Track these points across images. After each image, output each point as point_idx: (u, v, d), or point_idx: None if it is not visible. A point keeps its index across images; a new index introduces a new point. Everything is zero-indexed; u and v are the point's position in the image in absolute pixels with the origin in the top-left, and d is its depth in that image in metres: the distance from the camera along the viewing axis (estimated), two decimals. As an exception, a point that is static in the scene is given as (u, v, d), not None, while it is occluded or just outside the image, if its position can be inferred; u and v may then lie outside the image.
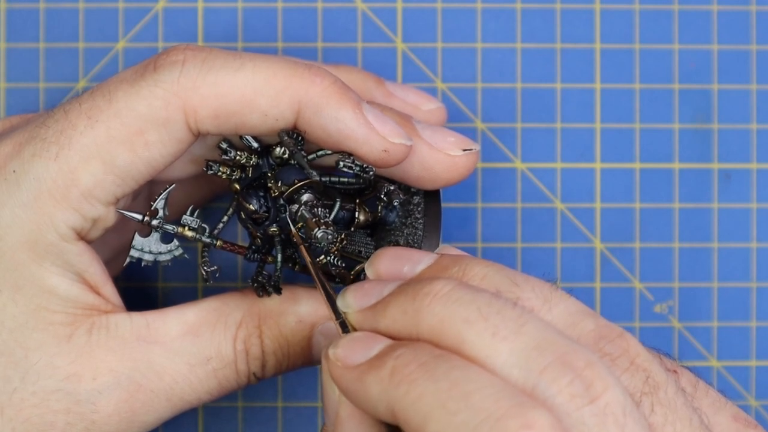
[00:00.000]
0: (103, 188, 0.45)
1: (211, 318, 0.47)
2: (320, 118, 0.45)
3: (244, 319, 0.47)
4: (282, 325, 0.47)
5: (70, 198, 0.45)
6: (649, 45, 0.57)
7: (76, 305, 0.46)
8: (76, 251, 0.46)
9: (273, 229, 0.46)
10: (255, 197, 0.46)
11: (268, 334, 0.47)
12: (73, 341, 0.45)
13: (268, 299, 0.47)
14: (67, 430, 0.45)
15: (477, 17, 0.56)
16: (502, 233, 0.56)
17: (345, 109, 0.45)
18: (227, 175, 0.47)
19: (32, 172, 0.45)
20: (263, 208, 0.46)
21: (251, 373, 0.47)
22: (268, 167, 0.47)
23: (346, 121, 0.45)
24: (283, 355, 0.47)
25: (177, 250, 0.48)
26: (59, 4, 0.56)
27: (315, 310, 0.47)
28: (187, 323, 0.47)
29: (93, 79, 0.56)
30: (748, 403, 0.56)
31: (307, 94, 0.45)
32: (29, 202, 0.45)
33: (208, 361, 0.46)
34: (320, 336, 0.47)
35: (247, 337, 0.47)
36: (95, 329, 0.46)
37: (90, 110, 0.45)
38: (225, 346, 0.47)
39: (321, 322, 0.47)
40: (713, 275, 0.57)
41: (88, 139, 0.45)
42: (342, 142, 0.46)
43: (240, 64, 0.45)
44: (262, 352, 0.47)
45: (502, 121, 0.57)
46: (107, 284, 0.47)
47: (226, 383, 0.47)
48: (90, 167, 0.45)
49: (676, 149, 0.57)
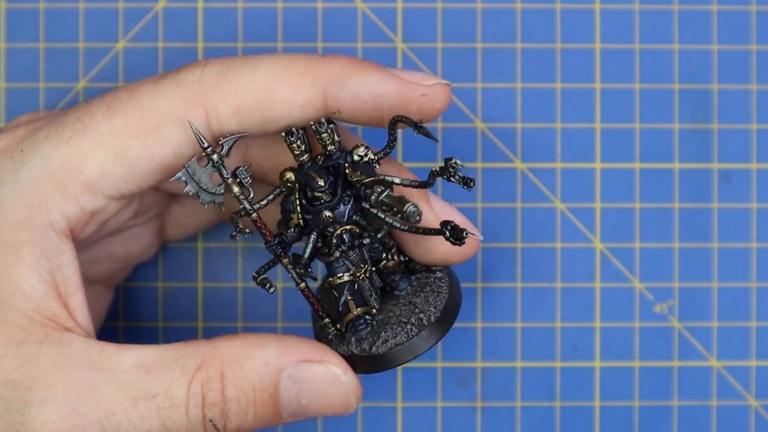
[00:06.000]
0: (110, 181, 0.45)
1: (169, 357, 0.45)
2: (349, 90, 0.45)
3: (205, 361, 0.45)
4: (247, 369, 0.45)
5: (73, 184, 0.44)
6: (649, 45, 0.57)
7: (36, 309, 0.44)
8: (57, 245, 0.45)
9: (327, 214, 0.45)
10: (325, 177, 0.45)
11: (231, 379, 0.45)
12: (23, 348, 0.44)
13: (232, 342, 0.45)
14: None
15: (477, 17, 0.56)
16: (502, 233, 0.56)
17: (369, 73, 0.45)
18: (300, 152, 0.46)
19: (41, 151, 0.45)
20: (330, 188, 0.45)
21: (207, 420, 0.45)
22: (345, 160, 0.46)
23: (375, 82, 0.45)
24: (248, 402, 0.45)
25: (219, 197, 0.45)
26: (59, 4, 0.56)
27: (282, 354, 0.45)
28: (143, 359, 0.45)
29: (93, 79, 0.56)
30: (748, 403, 0.57)
31: (328, 73, 0.45)
32: (29, 180, 0.44)
33: (153, 398, 0.44)
34: (288, 382, 0.45)
35: (205, 381, 0.44)
36: (46, 341, 0.44)
37: (111, 102, 0.45)
38: (176, 386, 0.44)
39: (289, 366, 0.45)
40: (713, 275, 0.57)
41: (104, 127, 0.45)
42: (379, 105, 0.45)
43: (258, 60, 0.45)
44: (222, 397, 0.45)
45: (502, 121, 0.57)
46: (76, 295, 0.45)
47: (172, 427, 0.44)
48: (100, 155, 0.44)
49: (676, 149, 0.57)
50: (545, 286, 0.56)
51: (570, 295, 0.56)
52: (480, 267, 0.56)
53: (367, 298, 0.47)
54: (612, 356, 0.56)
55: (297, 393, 0.45)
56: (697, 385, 0.57)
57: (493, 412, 0.57)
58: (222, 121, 0.45)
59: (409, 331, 0.47)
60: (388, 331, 0.47)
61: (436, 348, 0.56)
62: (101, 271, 0.52)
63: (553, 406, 0.56)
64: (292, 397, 0.45)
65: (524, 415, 0.56)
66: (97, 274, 0.52)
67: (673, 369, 0.57)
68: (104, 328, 0.55)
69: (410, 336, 0.47)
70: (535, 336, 0.56)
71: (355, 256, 0.47)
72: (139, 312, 0.57)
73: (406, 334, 0.47)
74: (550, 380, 0.56)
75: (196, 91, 0.45)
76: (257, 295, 0.56)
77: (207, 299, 0.57)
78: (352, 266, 0.47)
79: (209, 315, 0.57)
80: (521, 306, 0.56)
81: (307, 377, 0.46)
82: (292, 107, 0.45)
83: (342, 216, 0.46)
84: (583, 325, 0.56)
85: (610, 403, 0.56)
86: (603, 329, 0.56)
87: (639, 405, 0.56)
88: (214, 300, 0.56)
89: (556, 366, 0.56)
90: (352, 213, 0.46)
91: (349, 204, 0.46)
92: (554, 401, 0.56)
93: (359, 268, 0.47)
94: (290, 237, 0.46)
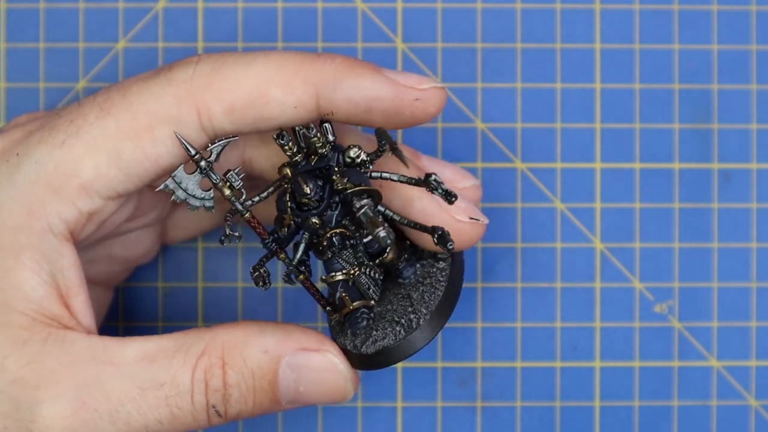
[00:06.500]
0: (105, 182, 0.45)
1: (171, 347, 0.45)
2: (341, 92, 0.45)
3: (207, 349, 0.45)
4: (247, 356, 0.45)
5: (68, 188, 0.44)
6: (649, 45, 0.57)
7: (38, 310, 0.45)
8: (58, 248, 0.45)
9: (314, 221, 0.45)
10: (313, 182, 0.45)
11: (232, 365, 0.45)
12: (27, 346, 0.44)
13: (233, 330, 0.46)
14: None
15: (477, 17, 0.56)
16: (502, 233, 0.56)
17: (363, 75, 0.45)
18: (292, 153, 0.46)
19: (35, 156, 0.45)
20: (317, 195, 0.45)
21: (210, 406, 0.45)
22: (336, 163, 0.46)
23: (368, 84, 0.45)
24: (248, 389, 0.46)
25: (209, 202, 0.46)
26: (59, 4, 0.56)
27: (281, 341, 0.46)
28: (146, 350, 0.45)
29: (93, 79, 0.56)
30: (748, 403, 0.57)
31: (320, 74, 0.45)
32: (25, 185, 0.44)
33: (160, 387, 0.45)
34: (287, 369, 0.46)
35: (208, 368, 0.45)
36: (50, 340, 0.44)
37: (104, 103, 0.45)
38: (182, 373, 0.45)
39: (288, 354, 0.46)
40: (713, 275, 0.57)
41: (96, 130, 0.45)
42: (372, 108, 0.45)
43: (251, 58, 0.45)
44: (224, 383, 0.45)
45: (502, 121, 0.57)
46: (79, 296, 0.46)
47: (179, 414, 0.45)
48: (95, 158, 0.44)
49: (676, 149, 0.57)
50: (545, 286, 0.56)
51: (570, 295, 0.56)
52: (480, 267, 0.56)
53: (364, 292, 0.47)
54: (612, 356, 0.56)
55: (295, 380, 0.46)
56: (697, 385, 0.57)
57: (493, 412, 0.57)
58: (214, 120, 0.45)
59: (398, 334, 0.46)
60: (379, 330, 0.47)
61: (436, 348, 0.56)
62: (101, 273, 0.52)
63: (553, 406, 0.56)
64: (291, 385, 0.46)
65: (524, 415, 0.56)
66: (96, 276, 0.52)
67: (673, 369, 0.57)
68: (104, 328, 0.55)
69: (398, 339, 0.46)
70: (535, 336, 0.56)
71: (349, 255, 0.47)
72: (139, 312, 0.57)
73: (394, 336, 0.46)
74: (550, 380, 0.56)
75: (187, 89, 0.45)
76: (257, 295, 0.56)
77: (207, 299, 0.57)
78: (347, 265, 0.47)
79: (209, 315, 0.57)
80: (521, 306, 0.56)
81: (305, 365, 0.46)
82: (285, 107, 0.45)
83: (330, 221, 0.45)
84: (583, 325, 0.56)
85: (610, 403, 0.56)
86: (603, 329, 0.56)
87: (639, 405, 0.56)
88: (214, 300, 0.56)
89: (556, 366, 0.56)
90: (341, 218, 0.46)
91: (336, 210, 0.46)
92: (554, 401, 0.56)
93: (354, 267, 0.47)
94: (284, 235, 0.46)
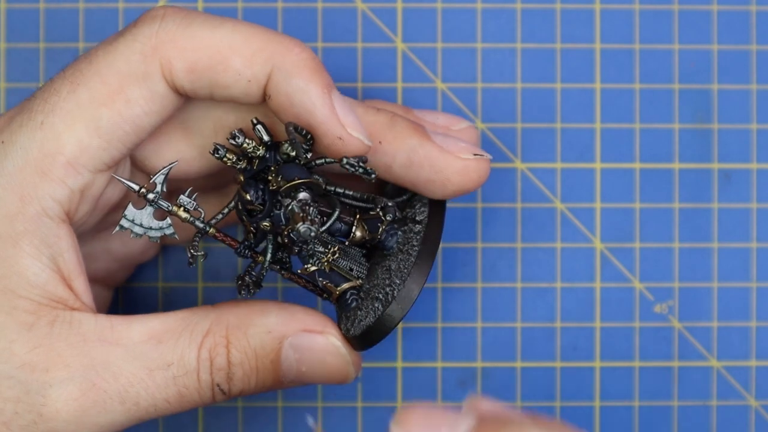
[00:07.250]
0: (90, 153, 0.45)
1: (178, 326, 0.46)
2: (288, 86, 0.45)
3: (212, 328, 0.46)
4: (250, 335, 0.46)
5: (55, 167, 0.45)
6: (649, 45, 0.57)
7: (43, 294, 0.45)
8: (55, 231, 0.45)
9: (265, 224, 0.46)
10: (253, 188, 0.46)
11: (236, 344, 0.46)
12: (34, 330, 0.44)
13: (237, 309, 0.46)
14: (14, 419, 0.44)
15: (477, 17, 0.56)
16: (502, 233, 0.56)
17: (314, 84, 0.45)
18: (232, 163, 0.46)
19: (19, 142, 0.45)
20: (259, 200, 0.46)
21: (215, 384, 0.46)
22: (273, 162, 0.47)
23: (312, 95, 0.45)
24: (251, 368, 0.46)
25: (168, 229, 0.47)
26: (59, 4, 0.56)
27: (285, 322, 0.46)
28: (153, 329, 0.46)
29: (93, 79, 0.56)
30: (748, 403, 0.56)
31: (282, 59, 0.45)
32: (14, 172, 0.45)
33: (168, 367, 0.45)
34: (290, 350, 0.46)
35: (213, 347, 0.46)
36: (58, 322, 0.45)
37: (72, 75, 0.45)
38: (188, 353, 0.45)
39: (291, 334, 0.46)
40: (713, 275, 0.57)
41: (70, 103, 0.45)
42: (302, 116, 0.45)
43: (220, 22, 0.46)
44: (228, 362, 0.46)
45: (502, 121, 0.57)
46: (80, 277, 0.46)
47: (186, 393, 0.46)
48: (75, 132, 0.45)
49: (676, 149, 0.57)
50: (545, 286, 0.56)
51: (570, 295, 0.56)
52: (480, 267, 0.56)
53: (347, 273, 0.48)
54: (612, 356, 0.56)
55: (297, 361, 0.46)
56: (697, 385, 0.56)
57: (493, 412, 0.56)
58: (176, 76, 0.45)
59: (376, 310, 0.47)
60: (362, 309, 0.47)
61: (436, 348, 0.56)
62: (99, 269, 0.52)
63: (553, 406, 0.56)
64: (293, 365, 0.46)
65: (524, 415, 0.56)
66: (95, 273, 0.52)
67: (673, 369, 0.56)
68: (104, 328, 0.55)
69: (377, 315, 0.47)
70: (535, 336, 0.56)
71: (316, 246, 0.47)
72: (139, 312, 0.57)
73: (374, 313, 0.47)
74: (550, 380, 0.56)
75: (152, 45, 0.45)
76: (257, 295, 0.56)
77: (207, 299, 0.57)
78: (318, 254, 0.47)
79: (209, 315, 0.57)
80: (521, 306, 0.56)
81: (307, 346, 0.47)
82: (240, 79, 0.45)
83: (279, 220, 0.46)
84: (583, 325, 0.56)
85: (610, 403, 0.56)
86: (603, 329, 0.56)
87: (639, 405, 0.56)
88: (213, 300, 0.56)
89: (556, 366, 0.56)
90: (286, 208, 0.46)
91: (282, 208, 0.46)
92: (554, 401, 0.56)
93: (324, 254, 0.47)
94: (252, 241, 0.47)
